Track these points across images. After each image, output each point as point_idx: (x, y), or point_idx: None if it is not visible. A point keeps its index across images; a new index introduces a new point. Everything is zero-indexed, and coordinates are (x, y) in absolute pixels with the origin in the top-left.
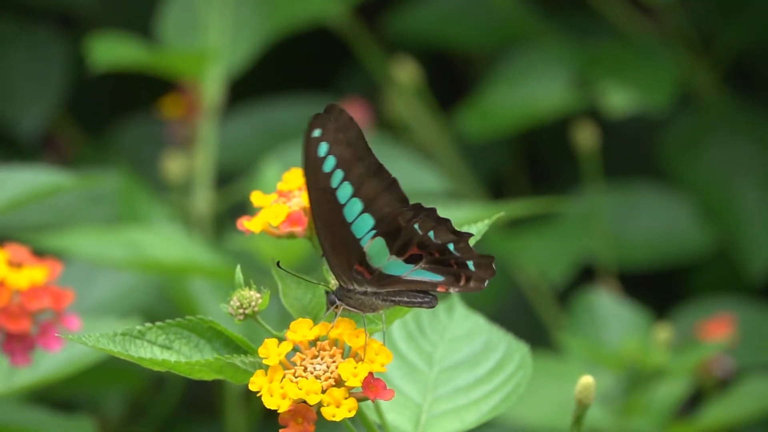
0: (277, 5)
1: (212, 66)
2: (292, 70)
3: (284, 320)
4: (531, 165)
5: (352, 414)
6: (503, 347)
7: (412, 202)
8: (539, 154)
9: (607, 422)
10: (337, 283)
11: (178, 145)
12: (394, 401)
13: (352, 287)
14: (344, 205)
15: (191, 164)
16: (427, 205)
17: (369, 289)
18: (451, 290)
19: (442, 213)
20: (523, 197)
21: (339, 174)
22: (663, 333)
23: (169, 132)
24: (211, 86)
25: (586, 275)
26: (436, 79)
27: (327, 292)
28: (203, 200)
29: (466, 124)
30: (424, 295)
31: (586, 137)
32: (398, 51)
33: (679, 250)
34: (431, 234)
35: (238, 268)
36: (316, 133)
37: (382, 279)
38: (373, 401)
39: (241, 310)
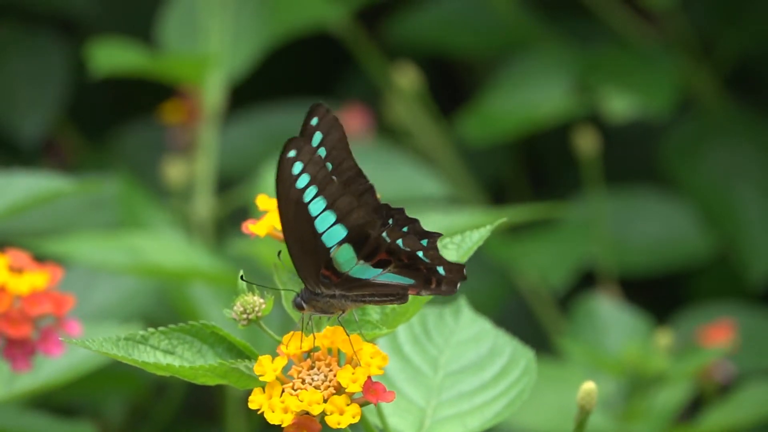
0: (278, 10)
1: (213, 71)
2: (292, 75)
3: (286, 326)
4: (531, 170)
5: (357, 419)
6: (509, 352)
7: (408, 207)
8: (540, 160)
9: (607, 427)
10: (304, 286)
11: (179, 151)
12: (398, 405)
13: (319, 291)
14: (316, 217)
15: (192, 170)
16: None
17: (337, 292)
18: (423, 293)
19: (441, 219)
20: (523, 202)
21: (312, 190)
22: (663, 338)
23: (170, 137)
24: (212, 92)
25: (586, 281)
26: (437, 85)
27: (294, 297)
28: (204, 205)
29: (466, 130)
30: (394, 295)
31: (586, 142)
32: (399, 56)
33: (680, 255)
34: (399, 242)
35: (241, 273)
36: (291, 153)
37: (350, 282)
38: (375, 405)
39: (244, 316)
